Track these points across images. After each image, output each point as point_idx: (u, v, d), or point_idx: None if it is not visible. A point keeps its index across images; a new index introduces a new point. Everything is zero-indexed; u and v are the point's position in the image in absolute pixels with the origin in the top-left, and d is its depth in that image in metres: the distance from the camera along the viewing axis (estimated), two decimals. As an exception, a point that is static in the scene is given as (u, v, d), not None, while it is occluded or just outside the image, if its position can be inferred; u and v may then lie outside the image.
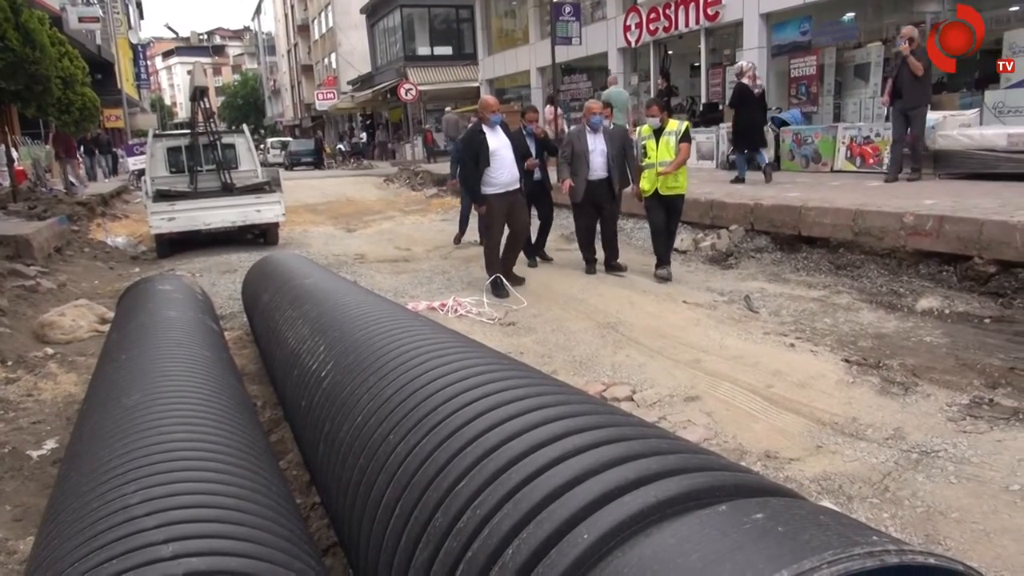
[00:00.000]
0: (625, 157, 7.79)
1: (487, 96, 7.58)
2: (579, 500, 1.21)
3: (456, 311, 6.68)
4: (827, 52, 13.30)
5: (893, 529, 2.97)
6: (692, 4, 15.18)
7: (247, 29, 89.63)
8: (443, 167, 21.68)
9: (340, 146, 40.69)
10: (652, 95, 16.76)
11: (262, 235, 11.81)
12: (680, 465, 1.25)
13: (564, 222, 10.30)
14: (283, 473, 3.61)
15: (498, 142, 7.05)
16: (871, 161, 11.03)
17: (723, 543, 0.97)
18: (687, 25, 15.51)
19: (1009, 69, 6.45)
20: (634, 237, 9.89)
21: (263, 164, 14.45)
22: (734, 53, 15.19)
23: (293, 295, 4.09)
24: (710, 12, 14.78)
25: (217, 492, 1.91)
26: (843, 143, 11.52)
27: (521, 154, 7.67)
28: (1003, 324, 5.37)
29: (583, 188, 7.54)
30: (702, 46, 15.73)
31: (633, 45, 17.52)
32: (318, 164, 36.86)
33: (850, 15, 13.41)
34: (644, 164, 7.34)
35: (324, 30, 48.74)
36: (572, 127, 8.02)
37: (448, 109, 27.09)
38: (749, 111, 10.76)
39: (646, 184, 7.34)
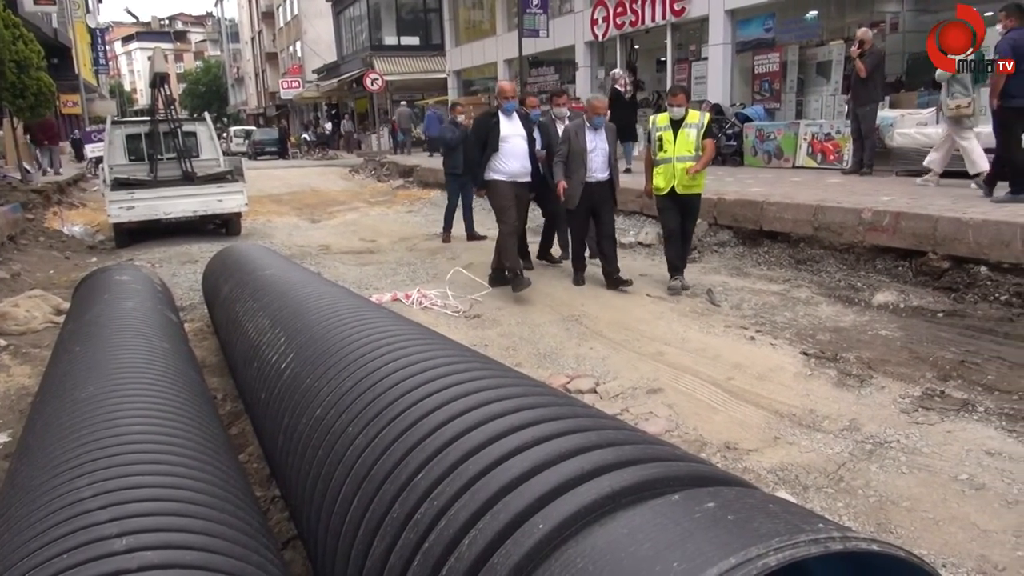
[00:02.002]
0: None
1: (503, 81, 7.23)
2: (535, 491, 1.23)
3: (421, 303, 6.66)
4: (790, 49, 13.49)
5: (847, 518, 3.05)
6: (658, -1, 15.29)
7: (210, 15, 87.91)
8: (410, 159, 21.55)
9: (305, 136, 40.18)
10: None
11: (224, 225, 11.63)
12: (635, 456, 1.26)
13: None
14: (243, 466, 3.58)
15: (512, 129, 6.77)
16: (832, 157, 11.23)
17: (674, 532, 0.99)
18: (653, 20, 15.60)
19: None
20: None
21: (226, 153, 14.23)
22: (699, 48, 15.32)
23: (254, 286, 4.04)
24: (676, 7, 14.88)
25: (173, 485, 1.89)
26: (805, 139, 11.71)
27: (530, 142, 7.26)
28: (955, 318, 5.52)
29: (579, 191, 6.75)
30: (668, 41, 15.84)
31: (600, 39, 17.57)
32: (282, 154, 36.36)
33: (813, 13, 13.61)
34: (659, 158, 6.57)
35: (289, 17, 48.04)
36: (571, 121, 7.27)
37: (403, 103, 27.00)
38: (620, 111, 11.76)
39: (660, 181, 6.58)
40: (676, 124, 6.45)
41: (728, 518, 1.00)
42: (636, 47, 17.72)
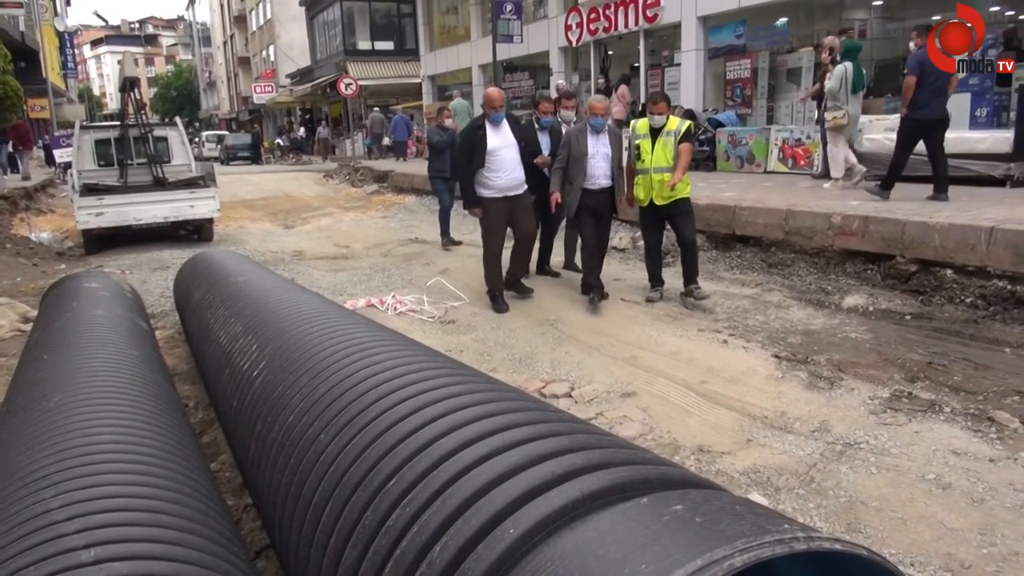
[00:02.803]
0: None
1: (491, 89, 6.46)
2: (506, 496, 1.23)
3: (396, 309, 6.64)
4: (761, 56, 13.66)
5: (818, 519, 3.09)
6: (631, 5, 15.39)
7: (181, 19, 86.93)
8: (384, 164, 21.50)
9: (279, 141, 39.89)
10: (592, 94, 16.93)
11: (196, 231, 11.52)
12: (605, 460, 1.28)
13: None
14: (215, 475, 3.55)
15: (500, 141, 6.25)
16: (802, 162, 11.38)
17: (642, 534, 1.00)
18: (626, 26, 15.72)
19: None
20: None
21: (198, 158, 14.09)
22: (672, 54, 15.46)
23: (226, 293, 4.01)
24: (649, 14, 15.01)
25: (142, 495, 1.87)
26: (776, 145, 11.86)
27: (531, 151, 6.80)
28: (922, 320, 5.62)
29: (577, 199, 6.33)
30: (641, 47, 15.96)
31: (574, 45, 17.66)
32: (255, 159, 36.07)
33: (783, 20, 13.79)
34: (637, 168, 6.31)
35: (262, 22, 47.71)
36: (572, 125, 6.78)
37: (376, 109, 26.99)
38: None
39: (640, 192, 6.34)
40: (655, 132, 6.20)
41: (695, 520, 1.01)
42: (610, 53, 17.84)
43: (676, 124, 6.21)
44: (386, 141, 24.84)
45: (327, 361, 2.22)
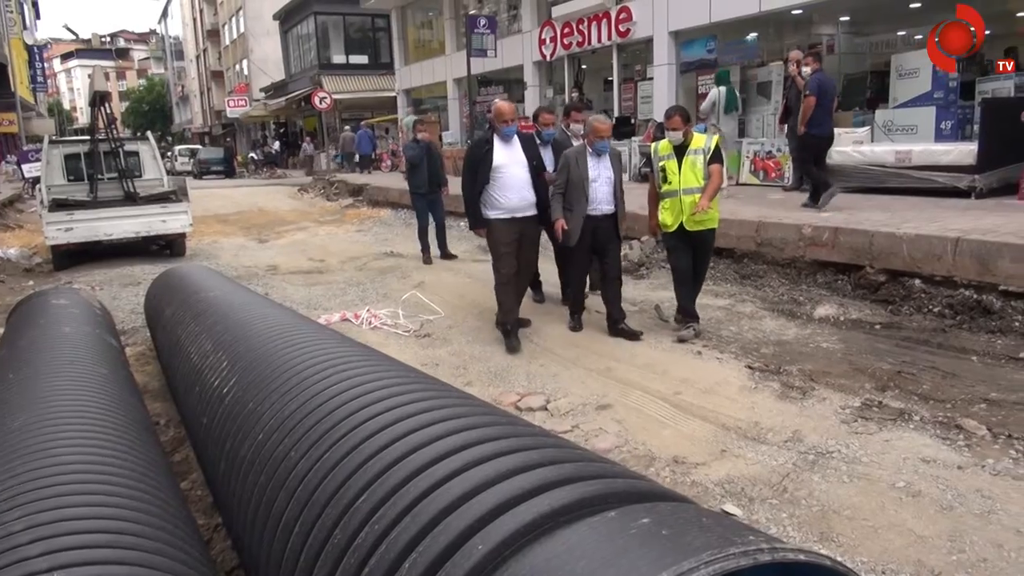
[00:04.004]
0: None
1: (501, 102, 6.01)
2: (475, 512, 1.23)
3: (370, 323, 6.61)
4: (732, 70, 13.83)
5: (791, 528, 3.11)
6: (604, 20, 15.53)
7: (153, 33, 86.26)
8: (360, 177, 21.45)
9: (252, 155, 39.64)
10: (593, 113, 17.02)
11: (168, 246, 11.40)
12: (575, 474, 1.28)
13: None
14: (186, 493, 3.50)
15: (508, 157, 5.76)
16: (773, 175, 11.53)
17: (610, 548, 1.01)
18: (600, 41, 15.85)
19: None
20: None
21: (170, 172, 13.96)
22: (645, 68, 15.61)
23: (197, 309, 3.96)
24: (622, 29, 15.15)
25: (108, 516, 1.83)
26: (747, 157, 12.00)
27: (535, 168, 6.28)
28: (892, 330, 5.70)
29: (580, 227, 5.81)
30: (614, 61, 16.10)
31: (548, 59, 17.77)
32: (229, 173, 35.81)
33: (753, 35, 14.00)
34: (663, 191, 5.76)
35: (235, 35, 47.47)
36: (571, 148, 6.15)
37: (347, 128, 27.05)
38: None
39: (668, 217, 5.75)
40: (680, 151, 5.67)
41: (662, 533, 1.02)
42: (583, 67, 17.97)
43: (703, 141, 5.71)
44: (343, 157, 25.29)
45: (298, 377, 2.20)
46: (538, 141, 6.48)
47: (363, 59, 34.68)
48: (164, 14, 71.42)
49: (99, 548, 1.65)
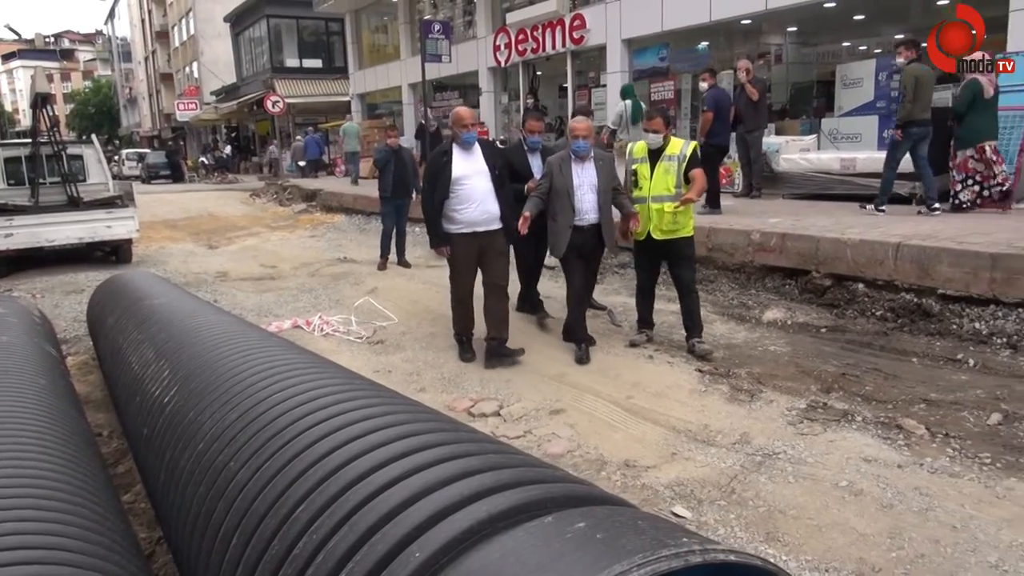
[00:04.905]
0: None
1: (460, 108, 5.64)
2: (413, 519, 1.22)
3: (323, 330, 6.54)
4: (683, 78, 14.06)
5: (738, 529, 3.16)
6: (559, 27, 15.65)
7: (100, 33, 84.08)
8: (313, 182, 21.22)
9: (203, 159, 38.89)
10: (523, 113, 17.10)
11: (113, 253, 11.11)
12: (513, 479, 1.28)
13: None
14: (130, 507, 3.41)
15: (469, 167, 5.34)
16: (724, 181, 11.72)
17: (545, 553, 1.01)
18: (554, 47, 15.96)
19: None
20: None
21: (117, 177, 13.62)
22: (599, 75, 15.76)
23: (140, 316, 3.87)
24: (576, 36, 15.28)
25: (40, 532, 1.77)
26: (698, 164, 12.18)
27: (519, 174, 5.97)
28: (837, 333, 5.84)
29: (567, 238, 5.44)
30: (569, 68, 16.24)
31: (503, 65, 17.83)
32: (178, 178, 35.05)
33: (704, 44, 14.25)
34: (633, 197, 5.50)
35: (185, 37, 46.58)
36: (555, 154, 5.80)
37: (298, 137, 26.89)
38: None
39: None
40: (655, 155, 5.39)
41: (597, 537, 1.02)
42: (538, 73, 18.08)
43: (679, 147, 5.42)
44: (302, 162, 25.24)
45: (241, 385, 2.16)
46: (525, 148, 6.20)
47: (317, 63, 34.33)
48: (111, 14, 69.72)
49: (29, 564, 1.59)
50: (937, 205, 7.77)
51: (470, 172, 5.34)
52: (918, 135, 7.69)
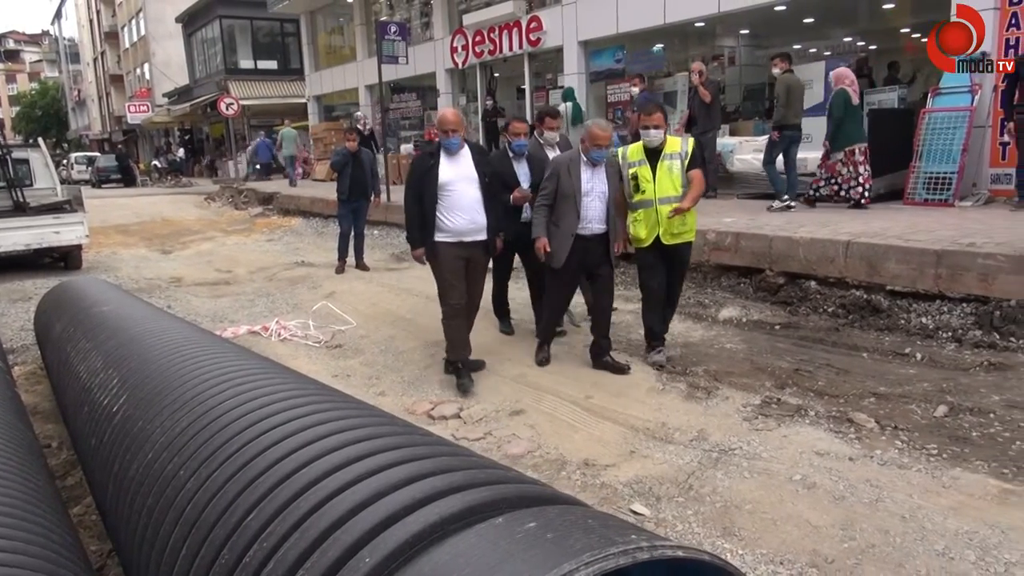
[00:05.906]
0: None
1: (446, 109, 5.27)
2: (364, 524, 1.21)
3: (280, 335, 6.45)
4: (595, 86, 14.19)
5: (695, 524, 3.20)
6: (516, 29, 15.68)
7: (46, 34, 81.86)
8: (270, 185, 20.93)
9: (156, 162, 38.08)
10: (480, 115, 17.11)
11: (62, 259, 10.83)
12: (465, 482, 1.28)
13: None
14: (80, 519, 3.33)
15: (456, 173, 4.99)
16: (681, 182, 11.88)
17: (495, 554, 1.01)
18: (511, 49, 15.99)
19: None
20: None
21: (65, 181, 13.27)
22: (556, 77, 15.84)
23: (88, 324, 3.78)
24: (532, 38, 15.33)
25: (-20, 547, 1.72)
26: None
27: (504, 183, 5.54)
28: (790, 330, 5.95)
29: (568, 247, 5.06)
30: (526, 69, 16.28)
31: (460, 66, 17.81)
32: (129, 182, 34.26)
33: (659, 47, 14.41)
34: (636, 201, 5.09)
35: (135, 38, 45.57)
36: (563, 154, 5.48)
37: (261, 135, 26.61)
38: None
39: (641, 230, 5.09)
40: (653, 155, 5.03)
41: (547, 537, 1.03)
42: (496, 75, 18.09)
43: (678, 144, 5.10)
44: (258, 166, 25.07)
45: (191, 393, 2.13)
46: (511, 154, 5.76)
47: (272, 64, 33.84)
48: (58, 15, 67.91)
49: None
50: (786, 198, 8.66)
51: (457, 178, 5.00)
52: (791, 138, 8.71)
